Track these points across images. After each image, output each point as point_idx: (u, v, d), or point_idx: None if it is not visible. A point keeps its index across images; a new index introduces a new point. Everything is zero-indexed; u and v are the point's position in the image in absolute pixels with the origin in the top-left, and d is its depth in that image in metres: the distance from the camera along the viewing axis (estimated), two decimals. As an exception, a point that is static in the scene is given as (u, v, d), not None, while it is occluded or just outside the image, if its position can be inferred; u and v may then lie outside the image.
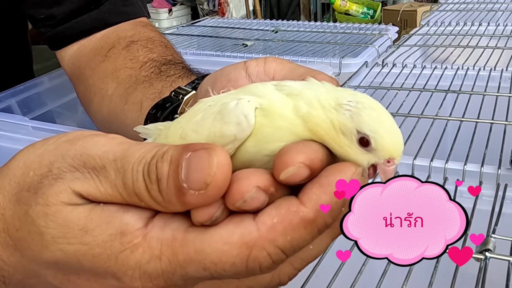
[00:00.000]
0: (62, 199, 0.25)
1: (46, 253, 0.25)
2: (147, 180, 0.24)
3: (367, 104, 0.25)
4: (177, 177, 0.24)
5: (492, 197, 0.45)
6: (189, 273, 0.24)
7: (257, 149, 0.26)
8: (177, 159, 0.24)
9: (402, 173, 0.50)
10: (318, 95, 0.26)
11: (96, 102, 0.58)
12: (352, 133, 0.25)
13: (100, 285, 0.26)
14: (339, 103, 0.26)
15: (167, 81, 0.51)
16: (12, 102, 0.79)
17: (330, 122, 0.25)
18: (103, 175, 0.25)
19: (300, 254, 0.26)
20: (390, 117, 0.26)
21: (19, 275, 0.28)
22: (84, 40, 0.64)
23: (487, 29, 1.01)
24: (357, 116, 0.25)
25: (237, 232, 0.24)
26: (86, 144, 0.26)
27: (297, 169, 0.24)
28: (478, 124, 0.57)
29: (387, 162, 0.25)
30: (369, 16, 3.58)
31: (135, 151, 0.25)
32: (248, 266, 0.24)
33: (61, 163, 0.26)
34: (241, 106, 0.26)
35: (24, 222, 0.26)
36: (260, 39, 1.06)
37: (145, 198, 0.24)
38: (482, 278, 0.35)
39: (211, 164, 0.23)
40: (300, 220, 0.24)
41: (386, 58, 0.85)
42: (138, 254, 0.24)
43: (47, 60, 1.41)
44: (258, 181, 0.24)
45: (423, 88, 0.69)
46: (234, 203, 0.24)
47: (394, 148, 0.25)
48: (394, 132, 0.25)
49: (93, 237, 0.24)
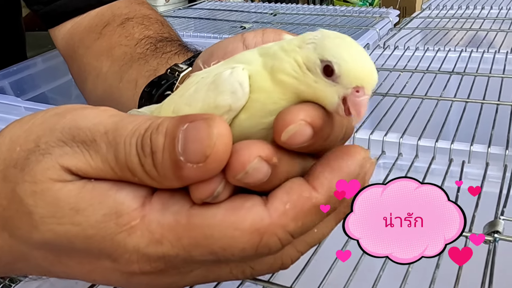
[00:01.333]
0: (51, 176, 0.23)
1: (35, 233, 0.24)
2: (141, 153, 0.23)
3: (331, 34, 0.24)
4: (173, 149, 0.22)
5: (499, 179, 0.43)
6: (193, 257, 0.23)
7: (253, 122, 0.24)
8: (173, 130, 0.22)
9: (407, 153, 0.49)
10: (283, 44, 0.25)
11: (91, 80, 0.56)
12: (316, 64, 0.23)
13: (93, 266, 0.25)
14: (303, 41, 0.24)
15: (162, 58, 0.49)
16: (5, 83, 0.77)
17: (293, 62, 0.23)
18: (94, 149, 0.23)
19: (305, 238, 0.25)
20: (359, 45, 0.24)
21: (6, 258, 0.26)
22: (78, 18, 0.62)
23: (489, 12, 0.99)
24: (320, 45, 0.23)
25: (249, 218, 0.22)
26: (75, 117, 0.24)
27: (298, 127, 0.22)
28: (484, 105, 0.55)
29: (356, 92, 0.23)
30: (367, 3, 3.55)
31: (127, 123, 0.23)
32: (257, 251, 0.23)
33: (49, 137, 0.24)
34: (236, 74, 0.24)
35: (11, 200, 0.24)
36: (259, 22, 1.04)
37: (138, 173, 0.23)
38: (491, 260, 0.34)
39: (210, 134, 0.22)
40: (312, 206, 0.23)
41: (387, 41, 0.83)
42: (136, 237, 0.23)
43: (42, 47, 1.39)
44: (259, 151, 0.22)
45: (427, 70, 0.67)
46: (235, 175, 0.22)
47: (360, 73, 0.23)
48: (360, 57, 0.23)
49: (85, 217, 0.23)
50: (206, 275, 0.26)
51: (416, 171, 0.46)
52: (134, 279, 0.25)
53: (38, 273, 0.28)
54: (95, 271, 0.25)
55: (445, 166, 0.46)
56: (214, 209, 0.23)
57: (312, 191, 0.23)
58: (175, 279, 0.25)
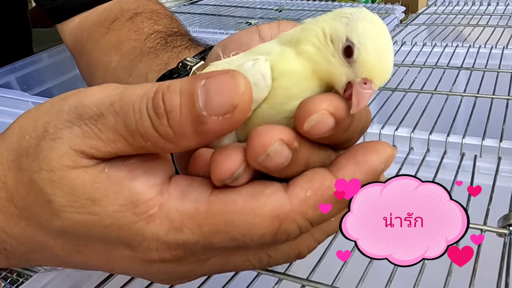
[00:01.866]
0: (66, 163, 0.23)
1: (55, 221, 0.24)
2: (153, 115, 0.22)
3: (368, 18, 0.23)
4: (193, 106, 0.22)
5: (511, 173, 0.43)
6: (213, 244, 0.23)
7: (275, 111, 0.24)
8: (188, 88, 0.22)
9: (418, 148, 0.49)
10: (317, 18, 0.24)
11: (99, 75, 0.56)
12: (340, 40, 0.23)
13: (110, 256, 0.25)
14: (339, 14, 0.24)
15: (173, 52, 0.49)
16: (11, 78, 0.77)
17: (320, 30, 0.23)
18: (102, 122, 0.23)
19: (323, 227, 0.26)
20: (388, 38, 0.23)
21: (22, 248, 0.26)
22: (86, 13, 0.62)
23: (496, 8, 0.99)
24: (352, 24, 0.23)
25: (269, 205, 0.22)
26: (79, 97, 0.24)
27: (321, 116, 0.22)
28: (494, 100, 0.55)
29: (363, 83, 0.23)
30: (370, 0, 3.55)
31: (133, 91, 0.23)
32: (276, 236, 0.23)
33: (56, 120, 0.24)
34: (258, 66, 0.24)
35: (30, 189, 0.24)
36: (264, 18, 1.04)
37: (151, 136, 0.22)
38: (507, 253, 0.34)
39: (237, 84, 0.22)
40: (332, 195, 0.23)
41: (394, 37, 0.83)
42: (154, 225, 0.23)
43: (44, 43, 1.39)
44: (281, 134, 0.22)
45: (435, 65, 0.67)
46: (256, 158, 0.22)
47: (375, 67, 0.23)
48: (384, 50, 0.23)
49: (102, 208, 0.23)
50: (223, 264, 0.26)
51: (427, 166, 0.46)
52: (153, 267, 0.25)
53: (54, 263, 0.28)
54: (114, 260, 0.25)
55: (457, 161, 0.46)
56: (235, 195, 0.23)
57: (334, 180, 0.23)
58: (193, 267, 0.25)
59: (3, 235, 0.26)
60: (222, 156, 0.22)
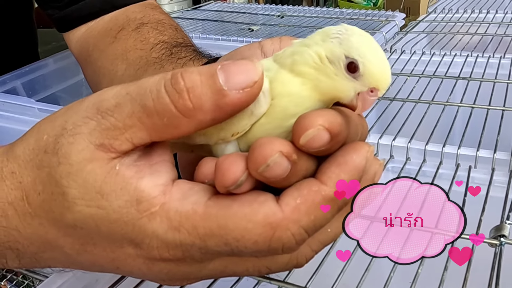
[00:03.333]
0: (85, 156, 0.24)
1: (67, 214, 0.25)
2: (172, 92, 0.24)
3: (356, 31, 0.25)
4: (214, 82, 0.24)
5: (505, 184, 0.44)
6: (209, 247, 0.24)
7: (273, 126, 0.26)
8: (207, 71, 0.24)
9: (415, 158, 0.51)
10: (303, 40, 0.26)
11: (105, 84, 0.57)
12: (340, 59, 0.24)
13: (116, 254, 0.26)
14: (326, 35, 0.25)
15: (178, 63, 0.50)
16: (17, 83, 0.79)
17: (314, 54, 0.25)
18: (118, 112, 0.24)
19: (319, 237, 0.27)
20: (379, 47, 0.25)
21: (33, 248, 0.27)
22: (92, 22, 0.63)
23: (495, 16, 1.00)
24: (346, 42, 0.24)
25: (261, 212, 0.24)
26: (97, 94, 0.26)
27: (316, 132, 0.24)
28: (490, 110, 0.56)
29: (370, 91, 0.25)
30: (371, 3, 3.56)
31: (148, 78, 0.25)
32: (270, 245, 0.24)
33: (74, 118, 0.25)
34: None
35: (47, 184, 0.25)
36: (266, 24, 1.05)
37: (168, 112, 0.24)
38: (497, 264, 0.35)
39: (257, 66, 0.24)
40: (322, 199, 0.24)
41: (394, 45, 0.84)
42: (155, 223, 0.24)
43: (47, 43, 1.40)
44: (281, 147, 0.23)
45: (433, 75, 0.69)
46: (257, 168, 0.23)
47: (381, 75, 0.24)
48: (383, 60, 0.25)
49: (108, 202, 0.24)
50: (223, 270, 0.27)
51: (424, 175, 0.48)
52: (154, 266, 0.26)
53: (63, 264, 0.29)
54: (119, 258, 0.26)
55: (452, 171, 0.47)
56: (230, 201, 0.24)
57: (321, 185, 0.24)
58: (193, 269, 0.26)
59: (16, 235, 0.27)
60: (226, 164, 0.24)
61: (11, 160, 0.27)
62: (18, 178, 0.26)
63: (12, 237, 0.27)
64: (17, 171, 0.26)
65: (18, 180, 0.26)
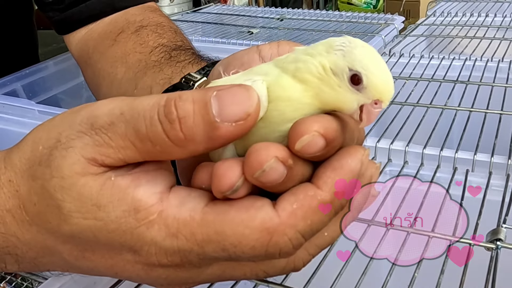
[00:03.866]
0: (77, 170, 0.25)
1: (64, 226, 0.25)
2: (164, 121, 0.24)
3: (359, 43, 0.25)
4: (206, 113, 0.24)
5: (502, 188, 0.45)
6: (207, 253, 0.24)
7: (269, 130, 0.26)
8: (201, 98, 0.24)
9: (412, 161, 0.51)
10: (306, 48, 0.26)
11: (105, 86, 0.58)
12: (343, 71, 0.25)
13: (115, 260, 0.26)
14: (330, 46, 0.25)
15: (177, 67, 0.51)
16: (17, 86, 0.79)
17: (319, 64, 0.25)
18: (112, 131, 0.25)
19: (315, 241, 0.27)
20: (382, 59, 0.26)
21: (32, 253, 0.28)
22: (93, 25, 0.63)
23: (493, 20, 1.00)
24: (349, 54, 0.25)
25: (258, 217, 0.24)
26: (91, 108, 0.26)
27: (312, 138, 0.24)
28: (488, 114, 0.57)
29: (374, 103, 0.25)
30: (371, 5, 3.56)
31: (142, 100, 0.25)
32: (267, 250, 0.24)
33: (68, 131, 0.25)
34: (256, 87, 0.26)
35: (41, 196, 0.26)
36: (266, 27, 1.06)
37: (160, 141, 0.24)
38: (493, 267, 0.35)
39: (252, 96, 0.24)
40: (318, 203, 0.24)
41: (393, 48, 0.85)
42: (153, 231, 0.24)
43: (47, 45, 1.40)
44: (276, 152, 0.24)
45: (431, 78, 0.69)
46: (253, 173, 0.23)
47: (384, 88, 0.25)
48: (386, 72, 0.25)
49: (106, 213, 0.25)
50: (220, 274, 0.27)
51: (421, 179, 0.48)
52: (153, 272, 0.26)
53: (62, 268, 0.29)
54: (117, 264, 0.26)
55: (450, 175, 0.47)
56: (227, 207, 0.24)
57: (317, 189, 0.24)
58: (191, 274, 0.27)
59: (15, 241, 0.27)
60: (223, 169, 0.24)
61: (9, 168, 0.27)
62: (15, 186, 0.27)
63: (11, 243, 0.27)
64: (14, 179, 0.27)
65: (15, 188, 0.27)
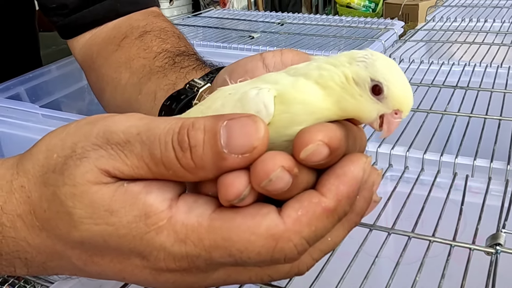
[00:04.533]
0: (89, 179, 0.25)
1: (74, 232, 0.26)
2: (177, 149, 0.25)
3: (381, 56, 0.26)
4: (215, 143, 0.24)
5: (501, 193, 0.45)
6: (214, 258, 0.25)
7: (276, 134, 0.26)
8: (212, 127, 0.25)
9: (413, 166, 0.51)
10: (328, 59, 0.27)
11: (109, 91, 0.58)
12: (365, 81, 0.26)
13: (123, 265, 0.27)
14: (353, 58, 0.26)
15: (181, 73, 0.51)
16: (21, 89, 0.80)
17: (342, 74, 0.26)
18: (128, 149, 0.25)
19: (319, 246, 0.27)
20: (402, 71, 0.27)
21: (41, 257, 0.28)
22: (96, 30, 0.64)
23: (492, 25, 1.01)
24: (371, 66, 0.26)
25: (264, 224, 0.25)
26: (107, 122, 0.26)
27: (316, 147, 0.25)
28: (487, 120, 0.57)
29: (395, 113, 0.26)
30: (370, 9, 3.57)
31: (159, 123, 0.26)
32: (273, 256, 0.25)
33: (84, 142, 0.26)
34: (262, 95, 0.26)
35: (52, 202, 0.26)
36: (266, 31, 1.06)
37: (173, 166, 0.25)
38: (493, 272, 0.36)
39: (258, 128, 0.24)
40: (323, 210, 0.25)
41: (393, 53, 0.85)
42: (163, 236, 0.25)
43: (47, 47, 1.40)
44: (282, 161, 0.24)
45: (431, 84, 0.70)
46: (259, 183, 0.24)
47: (404, 98, 0.26)
48: (406, 84, 0.26)
49: (118, 218, 0.25)
50: (226, 279, 0.28)
51: (422, 184, 0.49)
52: (161, 276, 0.27)
53: (70, 272, 0.30)
54: (126, 269, 0.27)
55: (450, 180, 0.48)
56: (233, 214, 0.25)
57: (321, 196, 0.25)
58: (198, 279, 0.27)
59: (25, 245, 0.28)
60: (230, 179, 0.25)
61: (21, 174, 0.27)
62: (27, 192, 0.27)
63: (21, 247, 0.28)
64: (26, 185, 0.27)
65: (26, 194, 0.27)
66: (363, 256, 0.39)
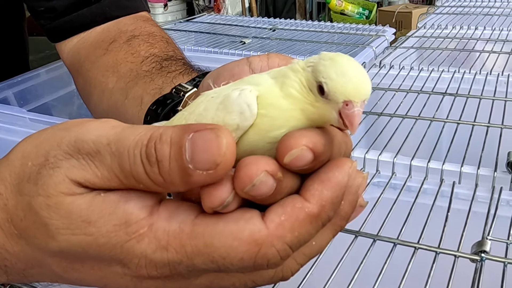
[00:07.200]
0: (62, 190, 0.25)
1: (51, 242, 0.26)
2: (146, 162, 0.24)
3: (327, 57, 0.26)
4: (180, 158, 0.24)
5: (487, 200, 0.45)
6: (196, 264, 0.25)
7: (259, 137, 0.26)
8: (178, 140, 0.24)
9: (400, 173, 0.51)
10: (293, 66, 0.27)
11: (96, 95, 0.58)
12: (313, 86, 0.25)
13: (104, 272, 0.26)
14: (306, 63, 0.26)
15: (168, 77, 0.51)
16: (9, 93, 0.79)
17: (299, 81, 0.26)
18: (99, 160, 0.25)
19: (304, 250, 0.27)
20: (353, 64, 0.26)
21: (21, 265, 0.28)
22: (85, 33, 0.64)
23: (483, 33, 1.02)
24: (315, 68, 0.25)
25: (247, 229, 0.24)
26: (80, 129, 0.26)
27: (300, 151, 0.24)
28: (475, 127, 0.57)
29: (345, 105, 0.25)
30: (364, 16, 3.59)
31: (129, 134, 0.25)
32: (256, 262, 0.24)
33: (56, 151, 0.26)
34: (244, 96, 0.26)
35: (28, 212, 0.26)
36: (258, 37, 1.06)
37: (143, 180, 0.24)
38: (478, 279, 0.36)
39: (220, 144, 0.23)
40: (306, 215, 0.24)
41: (383, 60, 0.85)
42: (144, 244, 0.25)
43: (40, 52, 1.39)
44: (266, 166, 0.24)
45: (421, 90, 0.70)
46: (243, 188, 0.24)
47: (345, 88, 0.25)
48: (349, 74, 0.25)
49: (97, 228, 0.25)
50: (209, 285, 0.27)
51: (409, 190, 0.48)
52: (142, 283, 0.26)
53: (50, 279, 0.29)
54: (107, 276, 0.27)
55: (437, 186, 0.48)
56: (216, 219, 0.25)
57: (304, 201, 0.25)
58: (180, 285, 0.27)
59: (4, 253, 0.27)
60: (212, 185, 0.24)
61: None
62: (4, 200, 0.27)
63: (0, 255, 0.27)
64: (3, 193, 0.27)
65: (4, 202, 0.27)
66: (349, 263, 0.38)
